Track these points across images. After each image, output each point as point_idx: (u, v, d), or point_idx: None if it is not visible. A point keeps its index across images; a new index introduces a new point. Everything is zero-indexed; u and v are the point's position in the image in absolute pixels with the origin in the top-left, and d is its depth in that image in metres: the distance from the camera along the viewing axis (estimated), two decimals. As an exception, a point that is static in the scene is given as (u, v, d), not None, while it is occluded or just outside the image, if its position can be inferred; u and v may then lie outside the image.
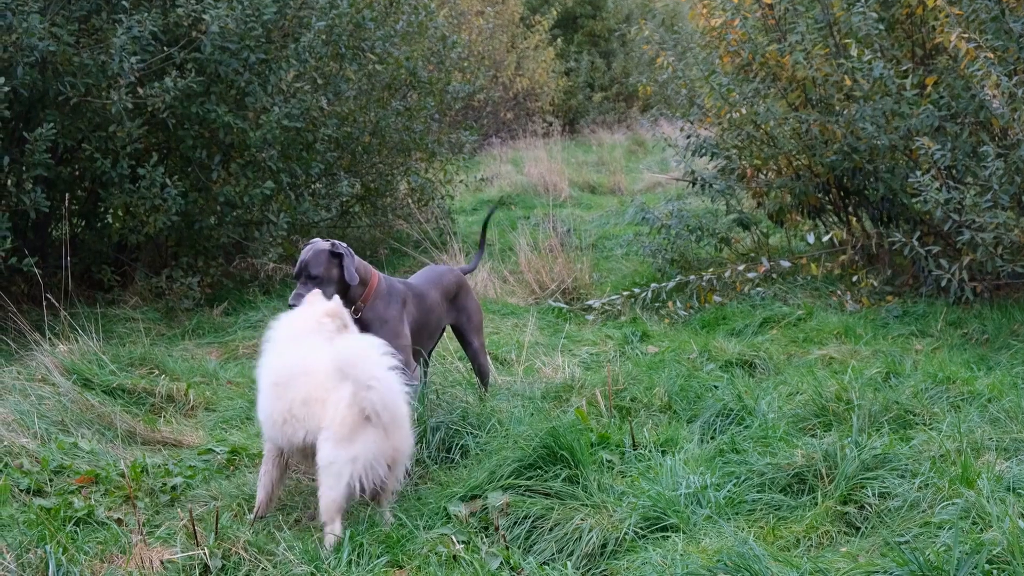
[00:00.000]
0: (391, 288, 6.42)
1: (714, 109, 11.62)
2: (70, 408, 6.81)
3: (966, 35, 8.89)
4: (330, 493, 5.03)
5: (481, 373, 7.17)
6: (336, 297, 5.88)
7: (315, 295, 5.84)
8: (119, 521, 5.33)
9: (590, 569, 4.89)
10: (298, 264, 6.18)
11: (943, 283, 9.29)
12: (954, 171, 9.54)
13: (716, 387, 7.19)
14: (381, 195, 13.45)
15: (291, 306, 6.01)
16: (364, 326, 6.13)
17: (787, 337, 9.01)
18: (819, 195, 11.33)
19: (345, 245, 6.24)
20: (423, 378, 6.53)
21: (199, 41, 9.94)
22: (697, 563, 4.57)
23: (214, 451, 6.41)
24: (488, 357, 7.34)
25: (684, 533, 5.01)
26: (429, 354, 6.87)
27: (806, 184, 11.15)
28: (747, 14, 11.14)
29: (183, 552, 4.88)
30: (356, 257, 6.33)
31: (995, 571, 4.24)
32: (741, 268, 10.63)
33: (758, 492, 5.43)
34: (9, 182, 9.53)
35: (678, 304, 10.22)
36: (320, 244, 6.22)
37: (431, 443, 6.08)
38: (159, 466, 6.12)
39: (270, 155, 10.57)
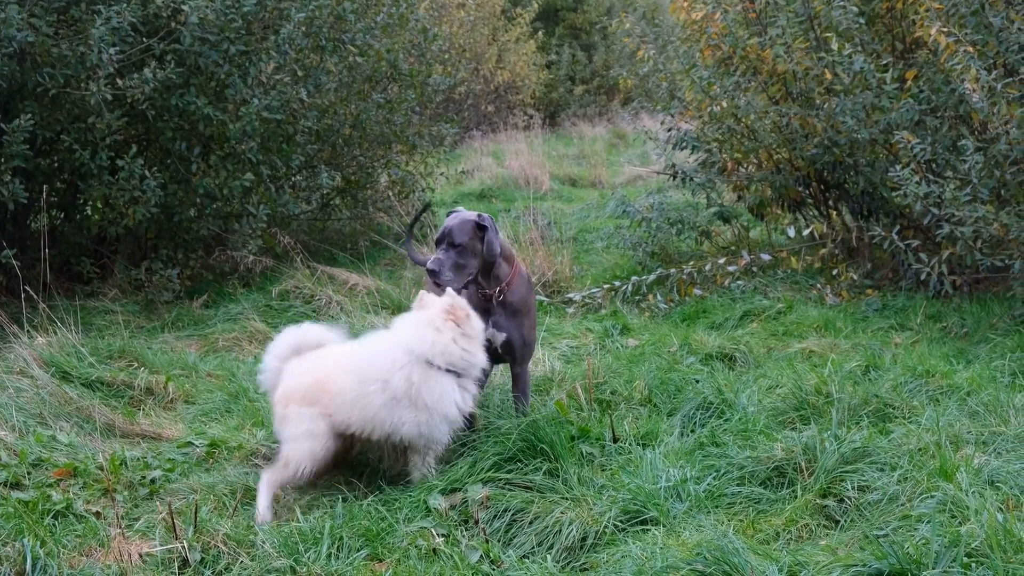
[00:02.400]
0: (524, 272, 6.30)
1: (695, 102, 11.63)
2: (48, 401, 6.78)
3: (946, 29, 8.91)
4: None
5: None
6: (450, 291, 5.76)
7: (427, 297, 5.78)
8: (98, 514, 5.30)
9: (570, 562, 4.89)
10: (441, 230, 6.07)
11: (923, 277, 9.32)
12: (934, 165, 9.57)
13: (696, 380, 7.19)
14: (362, 188, 13.42)
15: (430, 271, 5.96)
16: (507, 309, 6.10)
17: (767, 330, 9.02)
18: (799, 189, 11.35)
19: (491, 218, 6.13)
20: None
21: (178, 32, 9.90)
22: (677, 556, 4.58)
23: (193, 444, 6.39)
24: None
25: (664, 526, 5.02)
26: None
27: (786, 178, 11.17)
28: (728, 7, 11.15)
29: (162, 545, 4.87)
30: (501, 235, 6.23)
31: (973, 564, 4.24)
32: (721, 261, 10.65)
33: (738, 485, 5.44)
34: (-13, 173, 9.49)
35: (658, 297, 10.23)
36: (466, 214, 6.14)
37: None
38: (138, 459, 6.10)
39: (250, 147, 10.53)
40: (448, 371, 5.60)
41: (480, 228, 6.07)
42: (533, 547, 5.00)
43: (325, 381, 5.57)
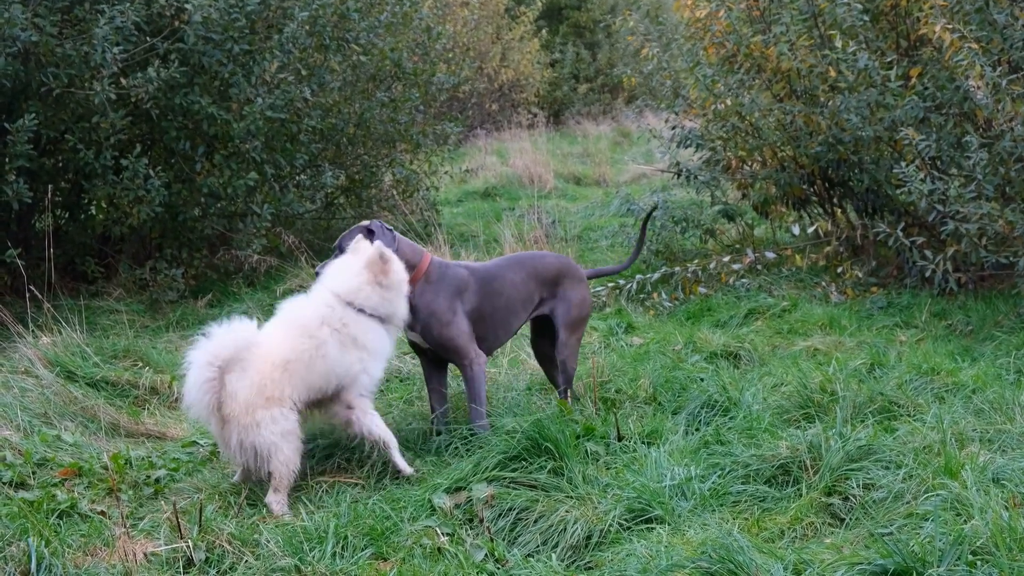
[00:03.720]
0: (445, 274, 6.30)
1: (699, 100, 11.62)
2: (53, 400, 6.78)
3: (950, 26, 8.90)
4: None
5: (563, 371, 6.79)
6: (377, 241, 5.98)
7: (359, 241, 6.02)
8: (102, 514, 5.31)
9: (575, 561, 4.88)
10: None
11: (927, 274, 9.30)
12: (938, 162, 9.55)
13: (701, 378, 7.18)
14: (366, 186, 13.41)
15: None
16: (413, 312, 6.12)
17: (772, 328, 9.01)
18: (804, 186, 11.34)
19: (382, 225, 6.23)
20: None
21: (182, 31, 9.91)
22: (681, 555, 4.57)
23: (198, 444, 6.39)
24: (575, 358, 6.89)
25: (669, 525, 5.01)
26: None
27: (791, 175, 11.16)
28: (732, 5, 11.13)
29: (167, 544, 4.87)
30: (402, 238, 6.28)
31: (978, 562, 4.24)
32: (726, 259, 10.63)
33: (743, 484, 5.43)
34: (-9, 173, 9.51)
35: (663, 295, 10.22)
36: (363, 223, 6.30)
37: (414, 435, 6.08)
38: (143, 459, 6.10)
39: (254, 146, 10.53)
40: (371, 316, 5.81)
41: (370, 233, 6.19)
42: (538, 546, 5.00)
43: (280, 366, 5.52)
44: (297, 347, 5.59)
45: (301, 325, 5.69)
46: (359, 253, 5.94)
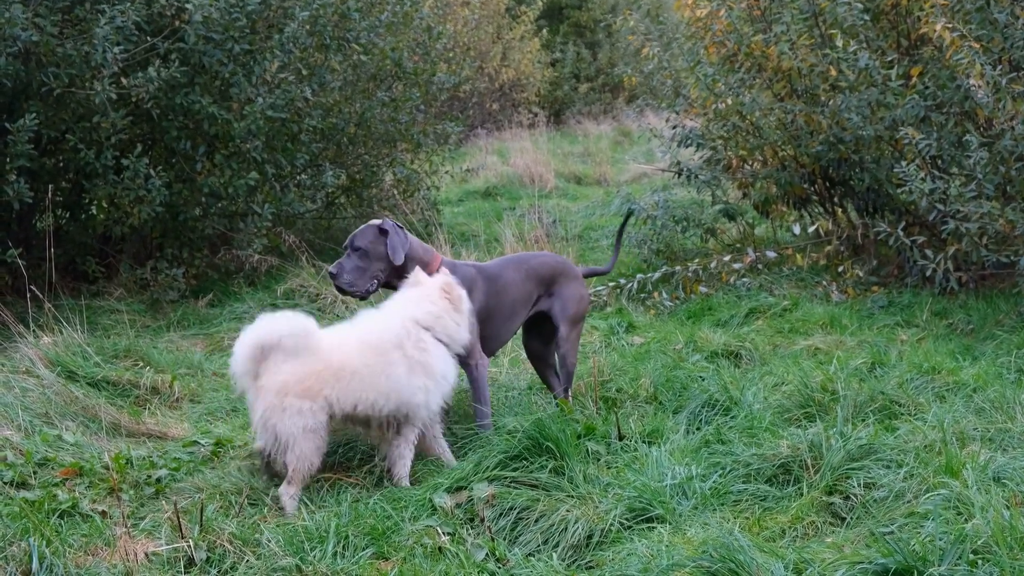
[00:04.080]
0: (454, 273, 6.29)
1: (700, 100, 11.62)
2: (54, 400, 6.78)
3: (950, 25, 8.90)
4: None
5: (563, 367, 6.84)
6: (444, 270, 6.14)
7: (420, 274, 6.06)
8: (103, 514, 5.31)
9: (576, 560, 4.88)
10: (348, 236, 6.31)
11: (928, 273, 9.31)
12: (939, 161, 9.55)
13: (702, 378, 7.18)
14: (367, 186, 13.41)
15: (330, 274, 6.24)
16: None
17: (773, 328, 9.01)
18: (804, 186, 11.34)
19: (394, 224, 6.27)
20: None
21: (183, 31, 9.91)
22: (682, 554, 4.57)
23: (199, 443, 6.39)
24: (575, 353, 6.92)
25: (670, 524, 5.01)
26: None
27: (791, 175, 11.16)
28: (732, 4, 11.14)
29: (168, 544, 4.87)
30: (413, 238, 6.34)
31: (980, 561, 4.24)
32: (727, 259, 10.64)
33: (743, 483, 5.43)
34: (-8, 173, 9.51)
35: (664, 295, 10.22)
36: (374, 221, 6.33)
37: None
38: (144, 458, 6.10)
39: (255, 146, 10.53)
40: (443, 342, 5.86)
41: (382, 232, 6.23)
42: (539, 545, 4.99)
43: (327, 370, 5.53)
44: (363, 360, 5.61)
45: (375, 342, 5.70)
46: (422, 283, 5.99)
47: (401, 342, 5.69)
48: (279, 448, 5.45)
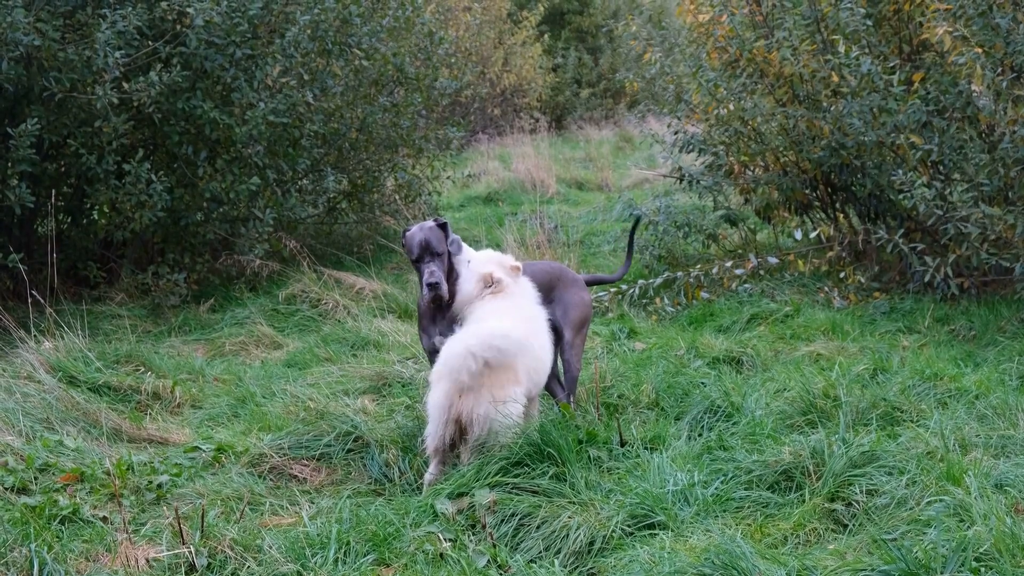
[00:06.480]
0: None
1: (701, 105, 11.62)
2: (55, 405, 6.78)
3: (951, 30, 8.90)
4: None
5: (567, 372, 6.77)
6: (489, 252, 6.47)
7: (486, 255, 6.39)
8: (104, 519, 5.30)
9: (577, 567, 4.88)
10: (416, 246, 6.21)
11: (927, 279, 9.30)
12: (941, 166, 9.55)
13: (703, 384, 7.18)
14: (368, 191, 13.43)
15: (432, 285, 6.16)
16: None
17: (774, 333, 9.01)
18: (806, 191, 11.34)
19: (447, 222, 6.36)
20: None
21: (184, 36, 9.91)
22: (684, 561, 4.57)
23: (200, 449, 6.37)
24: (579, 359, 6.87)
25: (671, 531, 5.01)
26: None
27: (793, 180, 11.16)
28: (735, 10, 11.14)
29: (169, 550, 4.86)
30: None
31: (982, 568, 4.24)
32: (729, 264, 10.63)
33: (745, 489, 5.42)
34: (-7, 178, 9.51)
35: (665, 300, 10.22)
36: (426, 223, 6.30)
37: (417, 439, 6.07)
38: (145, 464, 6.09)
39: (256, 151, 10.54)
40: None
41: (441, 227, 6.27)
42: (540, 551, 4.99)
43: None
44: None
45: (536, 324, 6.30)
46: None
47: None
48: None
